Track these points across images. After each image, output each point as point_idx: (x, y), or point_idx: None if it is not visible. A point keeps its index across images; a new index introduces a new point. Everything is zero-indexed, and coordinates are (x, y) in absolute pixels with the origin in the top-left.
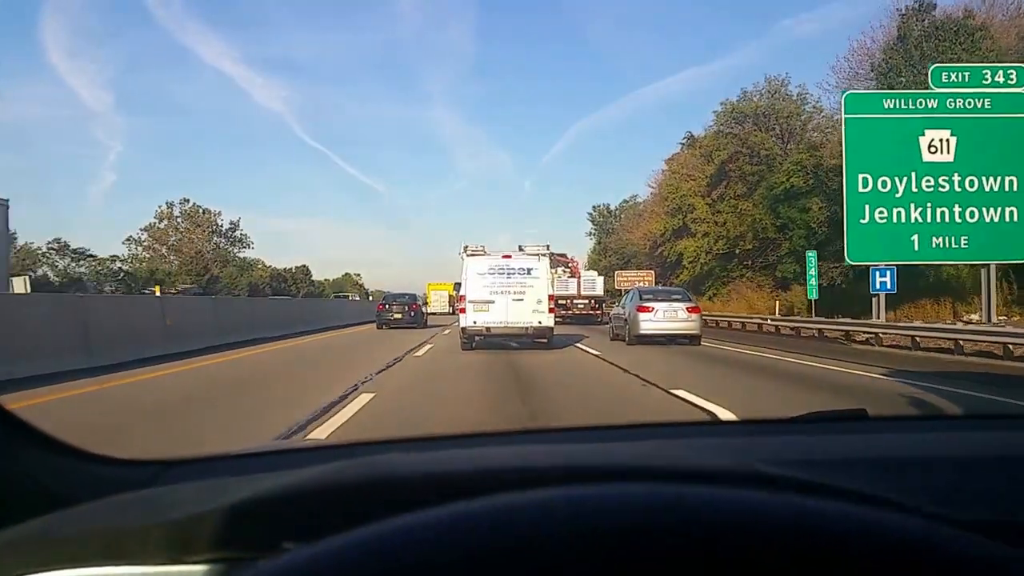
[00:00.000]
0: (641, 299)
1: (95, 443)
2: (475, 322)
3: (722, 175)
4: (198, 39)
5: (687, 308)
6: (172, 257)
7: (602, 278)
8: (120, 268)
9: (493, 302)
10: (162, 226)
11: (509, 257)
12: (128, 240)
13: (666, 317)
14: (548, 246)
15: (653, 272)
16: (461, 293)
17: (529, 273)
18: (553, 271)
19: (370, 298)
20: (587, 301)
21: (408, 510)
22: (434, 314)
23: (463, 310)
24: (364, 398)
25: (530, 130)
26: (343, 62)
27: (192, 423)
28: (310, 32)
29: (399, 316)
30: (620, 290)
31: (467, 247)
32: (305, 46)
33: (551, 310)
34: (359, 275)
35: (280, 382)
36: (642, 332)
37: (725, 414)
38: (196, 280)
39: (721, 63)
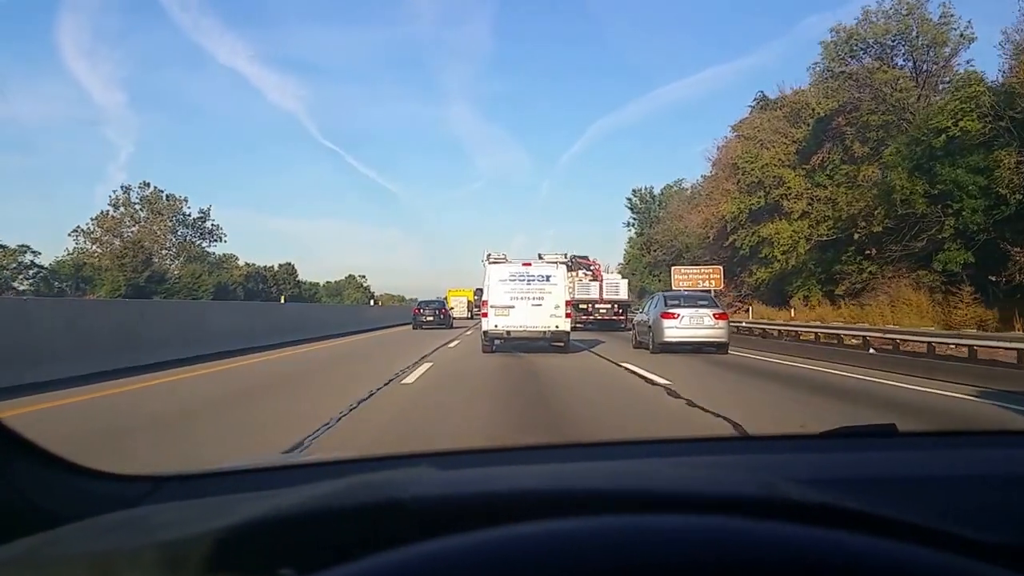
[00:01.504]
0: (666, 305)
1: None
2: (496, 326)
3: (823, 134)
4: (212, 38)
5: (714, 315)
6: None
7: (626, 281)
8: (33, 262)
9: (513, 307)
10: (117, 214)
11: (529, 265)
12: (76, 232)
13: (692, 324)
14: (567, 254)
15: (721, 268)
16: (483, 298)
17: (548, 280)
18: (574, 274)
19: (371, 302)
20: (610, 306)
21: (420, 538)
22: (454, 318)
23: (485, 314)
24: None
25: (548, 129)
26: (358, 60)
27: None
28: (325, 30)
29: (431, 319)
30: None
31: (489, 255)
32: (320, 44)
33: (568, 315)
34: (364, 277)
35: None
36: (666, 340)
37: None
38: (132, 279)
39: (743, 62)
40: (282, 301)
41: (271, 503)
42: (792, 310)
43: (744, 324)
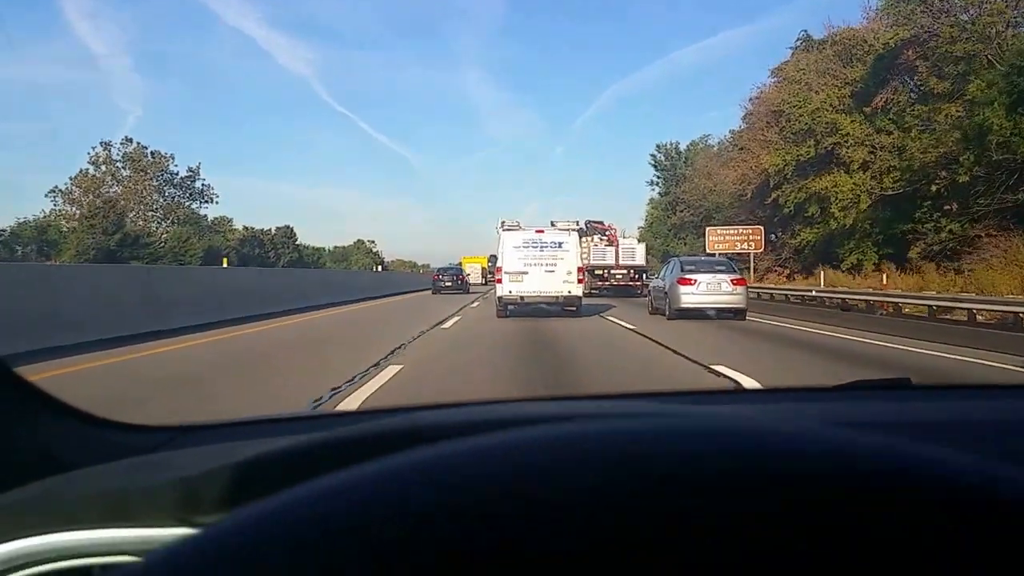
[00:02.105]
0: (683, 270)
1: None
2: (510, 291)
3: (887, 72)
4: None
5: (732, 280)
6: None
7: (643, 245)
8: None
9: (527, 273)
10: (98, 173)
11: (542, 232)
12: (53, 192)
13: (709, 290)
14: (578, 221)
15: (761, 229)
16: (498, 265)
17: (560, 247)
18: (589, 239)
19: (378, 268)
20: (626, 271)
21: None
22: (470, 284)
23: (499, 280)
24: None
25: (562, 95)
26: (369, 23)
27: None
28: None
29: (449, 284)
30: (714, 253)
31: (503, 222)
32: (330, 6)
33: (580, 280)
34: (373, 242)
35: None
36: (683, 306)
37: None
38: (102, 242)
39: (759, 24)
40: (224, 264)
41: (289, 441)
42: (884, 276)
43: (814, 292)
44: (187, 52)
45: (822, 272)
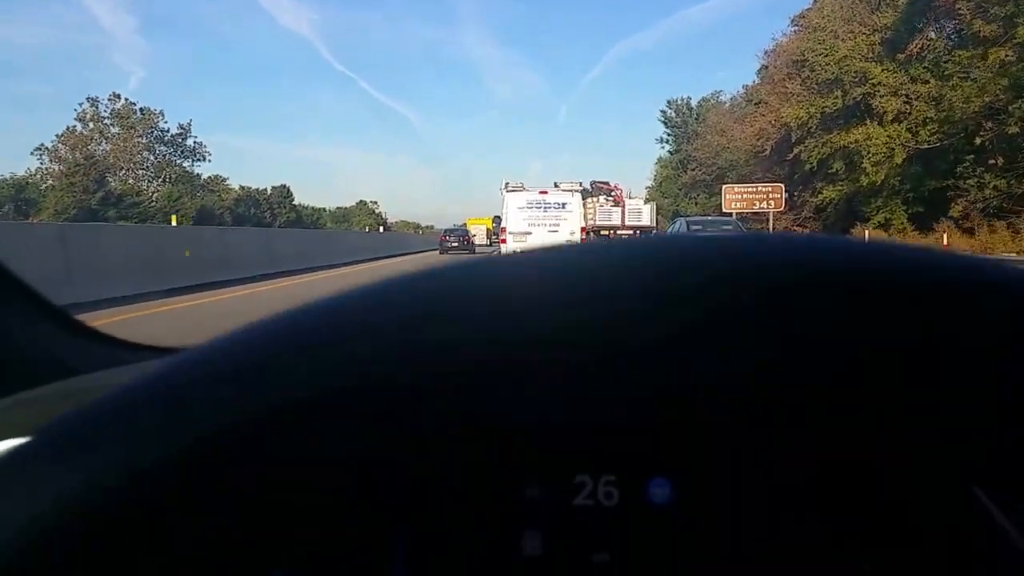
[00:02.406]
0: (688, 230)
1: None
2: (514, 252)
3: (921, 16)
4: None
5: None
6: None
7: (650, 206)
8: None
9: (531, 233)
10: (85, 131)
11: (545, 193)
12: (39, 150)
13: None
14: (581, 182)
15: (781, 186)
16: (502, 225)
17: (563, 207)
18: (595, 200)
19: (378, 228)
20: (632, 232)
21: None
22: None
23: (503, 240)
24: None
25: (565, 53)
26: None
27: None
28: None
29: (456, 244)
30: (730, 213)
31: (507, 184)
32: None
33: (583, 240)
34: (375, 203)
35: None
36: None
37: None
38: (83, 200)
39: None
40: (172, 222)
41: None
42: (944, 235)
43: None
44: (188, 11)
45: (866, 232)
